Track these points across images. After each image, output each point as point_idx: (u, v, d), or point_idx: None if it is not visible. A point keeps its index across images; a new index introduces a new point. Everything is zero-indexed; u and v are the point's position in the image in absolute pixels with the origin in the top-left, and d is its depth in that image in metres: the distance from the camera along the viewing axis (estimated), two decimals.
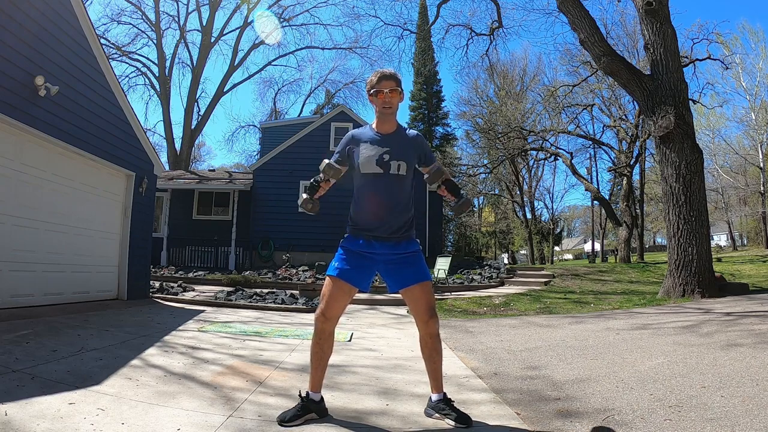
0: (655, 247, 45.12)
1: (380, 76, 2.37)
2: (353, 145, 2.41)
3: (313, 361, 2.31)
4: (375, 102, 2.40)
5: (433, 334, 2.31)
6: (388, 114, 2.40)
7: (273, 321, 6.13)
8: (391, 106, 2.38)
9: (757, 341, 3.92)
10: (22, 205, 5.30)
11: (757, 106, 26.51)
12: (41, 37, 5.40)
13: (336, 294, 2.29)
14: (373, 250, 2.33)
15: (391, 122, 2.44)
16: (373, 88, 2.39)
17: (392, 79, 2.37)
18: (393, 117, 2.43)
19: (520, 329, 5.62)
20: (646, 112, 9.47)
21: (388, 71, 2.42)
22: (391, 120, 2.43)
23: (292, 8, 27.46)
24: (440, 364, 2.36)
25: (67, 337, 3.96)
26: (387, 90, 2.35)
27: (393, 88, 2.36)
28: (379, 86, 2.36)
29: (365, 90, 2.50)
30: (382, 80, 2.36)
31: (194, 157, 34.67)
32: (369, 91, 2.42)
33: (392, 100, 2.37)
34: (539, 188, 36.51)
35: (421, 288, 2.31)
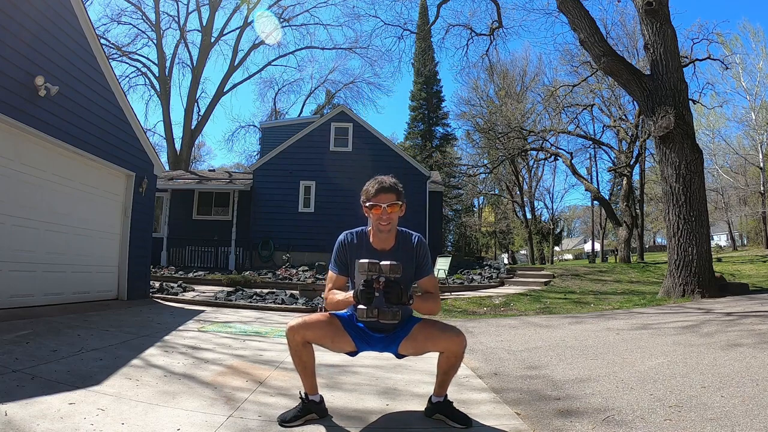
0: (655, 247, 45.11)
1: (378, 188, 2.13)
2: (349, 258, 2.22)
3: (298, 371, 2.24)
4: (371, 216, 2.15)
5: (457, 354, 2.14)
6: (386, 232, 2.17)
7: (273, 321, 6.13)
8: (390, 223, 2.15)
9: (757, 341, 3.92)
10: (22, 205, 5.30)
11: (757, 106, 26.53)
12: (41, 37, 5.39)
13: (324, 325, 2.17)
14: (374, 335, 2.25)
15: (389, 238, 2.22)
16: (368, 200, 2.14)
17: (392, 192, 2.13)
18: (392, 235, 2.21)
19: (520, 329, 5.62)
20: (646, 112, 9.47)
21: (388, 182, 2.15)
22: (389, 237, 2.21)
23: (292, 8, 27.52)
24: (453, 377, 2.27)
25: (67, 337, 3.96)
26: (385, 205, 2.11)
27: (392, 203, 2.12)
28: (377, 200, 2.12)
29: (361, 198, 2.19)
30: (380, 193, 2.12)
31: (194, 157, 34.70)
32: (364, 203, 2.17)
33: (391, 216, 2.14)
34: (539, 188, 36.58)
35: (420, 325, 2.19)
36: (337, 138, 15.75)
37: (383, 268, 1.97)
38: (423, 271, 2.26)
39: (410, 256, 2.22)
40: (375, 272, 1.97)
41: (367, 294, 1.96)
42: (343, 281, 2.26)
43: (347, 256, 2.23)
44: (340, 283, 2.26)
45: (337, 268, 2.25)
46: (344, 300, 2.11)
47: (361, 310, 1.97)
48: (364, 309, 1.96)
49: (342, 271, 2.25)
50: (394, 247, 2.23)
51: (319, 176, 15.36)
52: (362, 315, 1.97)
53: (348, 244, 2.25)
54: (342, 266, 2.25)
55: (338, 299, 2.14)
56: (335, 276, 2.26)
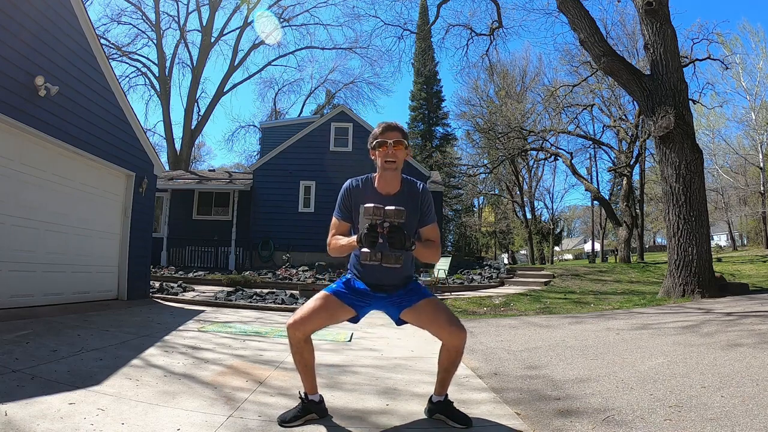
0: (655, 247, 45.10)
1: (384, 126, 2.19)
2: (354, 203, 2.22)
3: (298, 369, 2.24)
4: (377, 156, 2.19)
5: (458, 348, 2.16)
6: (392, 170, 2.18)
7: (273, 321, 6.13)
8: (395, 161, 2.17)
9: (757, 341, 3.92)
10: (22, 205, 5.30)
11: (757, 106, 26.52)
12: (41, 37, 5.39)
13: (320, 310, 2.17)
14: (375, 294, 2.25)
15: (395, 181, 2.22)
16: (375, 139, 2.19)
17: (397, 131, 2.19)
18: (397, 175, 2.22)
19: (520, 329, 5.62)
20: (646, 112, 9.47)
21: (394, 123, 2.23)
22: (394, 178, 2.22)
23: (292, 8, 27.52)
24: (453, 375, 2.27)
25: (67, 337, 3.96)
26: (391, 141, 2.15)
27: (398, 140, 2.16)
28: (383, 137, 2.16)
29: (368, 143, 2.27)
30: (387, 131, 2.17)
31: (194, 157, 34.69)
32: (371, 144, 2.22)
33: (396, 153, 2.16)
34: (539, 188, 36.55)
35: (428, 301, 2.21)
36: (337, 138, 15.75)
37: (387, 212, 1.99)
38: (427, 218, 2.27)
39: (415, 202, 2.23)
40: (379, 216, 1.99)
41: (371, 237, 1.99)
42: (346, 227, 2.27)
43: (351, 202, 2.23)
44: (343, 229, 2.27)
45: (341, 213, 2.26)
46: (348, 244, 2.15)
47: (365, 252, 2.01)
48: (367, 252, 2.00)
49: (345, 217, 2.26)
50: (399, 191, 2.24)
51: (319, 176, 15.35)
52: (366, 258, 2.01)
53: (353, 189, 2.26)
54: (346, 212, 2.26)
55: (342, 244, 2.18)
56: (338, 222, 2.27)
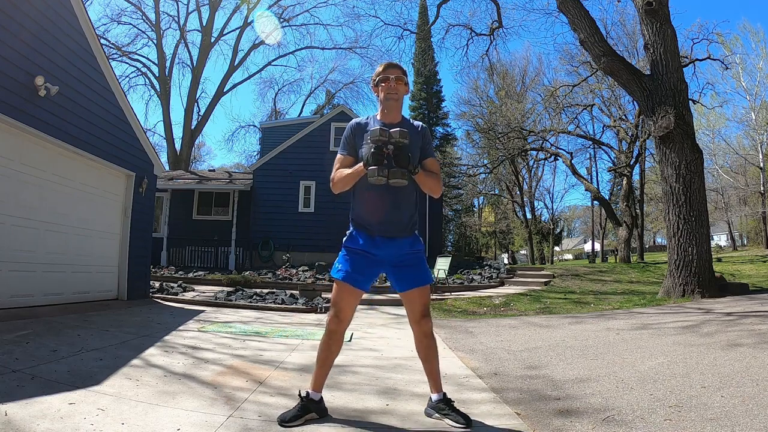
0: (655, 247, 45.10)
1: (386, 65, 2.37)
2: (358, 137, 2.35)
3: (319, 359, 2.30)
4: (380, 90, 2.35)
5: (427, 333, 2.32)
6: (393, 101, 2.35)
7: (273, 321, 6.13)
8: (397, 93, 2.35)
9: (757, 341, 3.92)
10: (22, 205, 5.30)
11: (757, 106, 26.52)
12: (41, 37, 5.40)
13: (346, 297, 2.29)
14: (377, 249, 2.30)
15: (396, 113, 2.38)
16: (378, 75, 2.36)
17: (398, 69, 2.36)
18: (398, 107, 2.39)
19: (520, 329, 5.62)
20: (646, 112, 9.47)
21: (395, 62, 2.43)
22: (396, 110, 2.37)
23: (292, 8, 27.51)
24: (437, 363, 2.36)
25: (67, 337, 3.96)
26: (393, 77, 2.33)
27: (399, 76, 2.34)
28: (386, 73, 2.34)
29: (371, 83, 2.46)
30: (389, 68, 2.35)
31: (194, 157, 34.69)
32: (374, 81, 2.39)
33: (398, 87, 2.34)
34: (539, 188, 36.53)
35: (420, 291, 2.32)
36: (337, 138, 15.72)
37: (392, 133, 2.15)
38: (427, 152, 2.40)
39: (416, 135, 2.35)
40: (385, 137, 2.14)
41: (377, 155, 2.13)
42: (350, 161, 2.35)
43: (355, 138, 2.36)
44: (348, 163, 2.35)
45: (346, 149, 2.38)
46: (353, 171, 2.25)
47: (372, 170, 2.13)
48: (375, 168, 2.12)
49: (350, 152, 2.36)
50: (401, 122, 2.37)
51: (319, 176, 15.34)
52: (373, 174, 2.12)
53: (357, 125, 2.40)
54: (350, 148, 2.37)
55: (346, 173, 2.28)
56: (343, 157, 2.37)
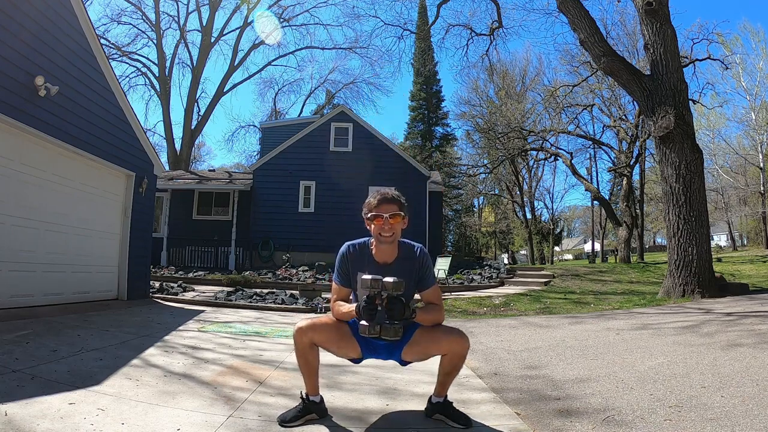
0: (655, 247, 45.09)
1: (380, 198, 2.15)
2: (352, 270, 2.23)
3: (302, 371, 2.24)
4: (372, 227, 2.16)
5: (461, 354, 2.14)
6: (388, 243, 2.17)
7: (273, 321, 6.13)
8: (392, 234, 2.15)
9: (757, 341, 3.92)
10: (22, 205, 5.30)
11: (757, 106, 26.53)
12: (41, 37, 5.39)
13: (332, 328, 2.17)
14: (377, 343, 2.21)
15: (392, 250, 2.21)
16: (371, 211, 2.15)
17: (394, 203, 2.15)
18: (394, 247, 2.20)
19: (520, 329, 5.62)
20: (646, 112, 9.47)
21: (390, 194, 2.17)
22: (391, 249, 2.20)
23: (292, 8, 27.52)
24: (454, 378, 2.26)
25: (67, 337, 3.96)
26: (387, 215, 2.11)
27: (394, 213, 2.13)
28: (378, 210, 2.13)
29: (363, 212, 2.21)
30: (383, 204, 2.13)
31: (194, 157, 34.69)
32: (366, 214, 2.18)
33: (394, 226, 2.14)
34: (539, 188, 36.55)
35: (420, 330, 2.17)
36: (337, 138, 15.75)
37: (386, 285, 1.97)
38: (426, 282, 2.25)
39: (412, 267, 2.22)
40: (377, 288, 1.98)
41: (369, 310, 1.98)
42: (347, 293, 2.28)
43: (350, 269, 2.24)
44: (344, 294, 2.28)
45: (340, 279, 2.27)
46: (348, 312, 2.14)
47: (363, 326, 1.99)
48: (366, 326, 1.98)
49: (345, 283, 2.27)
50: (396, 258, 2.22)
51: (319, 176, 15.36)
52: (364, 331, 1.99)
53: (350, 256, 2.25)
54: (345, 278, 2.26)
55: (343, 311, 2.17)
56: (339, 287, 2.28)
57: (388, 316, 1.98)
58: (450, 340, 2.12)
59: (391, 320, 1.98)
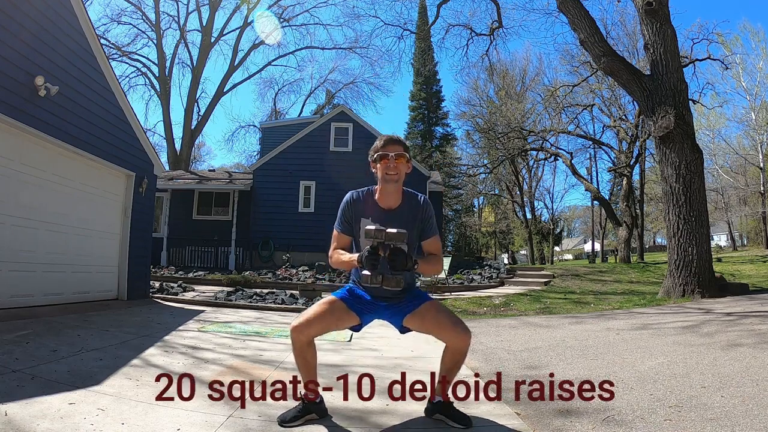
0: (655, 247, 45.09)
1: (386, 140, 2.21)
2: (354, 218, 2.24)
3: (301, 370, 2.24)
4: (378, 169, 2.20)
5: (462, 350, 2.16)
6: (393, 182, 2.18)
7: (273, 321, 6.13)
8: (397, 173, 2.17)
9: (757, 341, 3.92)
10: (22, 205, 5.30)
11: (757, 106, 26.53)
12: (41, 37, 5.39)
13: (325, 314, 2.16)
14: (378, 303, 2.25)
15: (396, 195, 2.23)
16: (377, 152, 2.20)
17: (399, 144, 2.20)
18: (398, 188, 2.22)
19: (520, 329, 5.62)
20: (646, 112, 9.48)
21: (395, 136, 2.25)
22: (396, 192, 2.22)
23: (292, 8, 27.52)
24: (455, 376, 2.26)
25: (67, 337, 3.96)
26: (392, 154, 2.17)
27: (399, 153, 2.17)
28: (385, 150, 2.18)
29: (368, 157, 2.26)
30: (388, 144, 2.19)
31: (194, 157, 34.68)
32: (372, 157, 2.22)
33: (398, 166, 2.17)
34: (539, 188, 36.54)
35: (430, 305, 2.21)
36: (337, 138, 15.75)
37: (389, 235, 1.98)
38: (428, 231, 2.27)
39: (416, 215, 2.24)
40: (380, 239, 1.99)
41: (371, 260, 1.99)
42: (347, 241, 2.30)
43: (353, 215, 2.26)
44: (344, 242, 2.30)
45: (342, 227, 2.28)
46: (349, 261, 2.17)
47: (366, 275, 2.02)
48: (368, 275, 2.01)
49: (346, 230, 2.28)
50: (400, 204, 2.24)
51: (319, 176, 15.36)
52: (366, 280, 2.02)
53: (354, 203, 2.27)
54: (347, 225, 2.28)
55: (343, 260, 2.21)
56: (339, 235, 2.30)
57: (390, 266, 2.00)
58: (453, 332, 2.14)
59: (393, 270, 2.00)
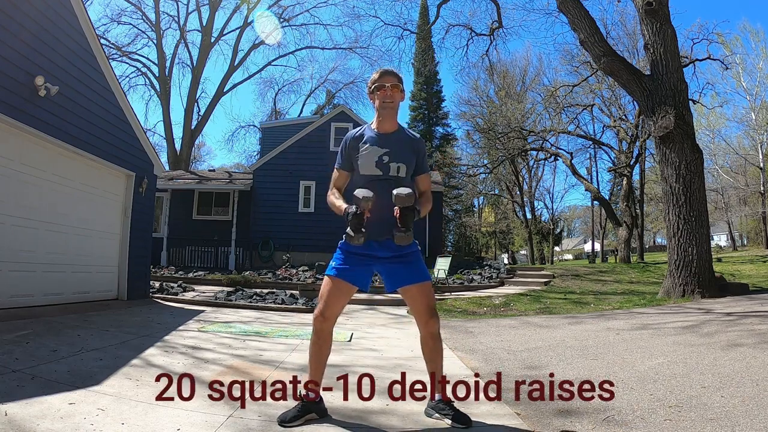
0: (655, 247, 45.09)
1: (382, 72, 2.37)
2: (353, 150, 2.37)
3: (312, 361, 2.30)
4: (376, 98, 2.36)
5: (433, 334, 2.30)
6: (389, 109, 2.36)
7: (273, 321, 6.13)
8: (393, 101, 2.35)
9: (757, 341, 3.92)
10: (22, 205, 5.30)
11: (757, 106, 26.53)
12: (41, 37, 5.39)
13: (334, 293, 2.27)
14: (372, 251, 2.28)
15: (392, 121, 2.39)
16: (374, 83, 2.37)
17: (394, 76, 2.37)
18: (394, 115, 2.39)
19: (520, 329, 5.62)
20: (646, 112, 9.47)
21: (390, 68, 2.42)
22: (392, 118, 2.38)
23: (292, 8, 27.49)
24: (441, 365, 2.34)
25: (67, 337, 3.96)
26: (389, 84, 2.34)
27: (395, 84, 2.35)
28: (381, 81, 2.35)
29: (366, 90, 2.49)
30: (384, 75, 2.35)
31: (194, 157, 34.68)
32: (370, 88, 2.40)
33: (394, 95, 2.35)
34: (539, 188, 36.55)
35: (419, 288, 2.30)
36: (337, 138, 15.73)
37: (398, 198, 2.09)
38: (421, 167, 2.44)
39: (411, 146, 2.39)
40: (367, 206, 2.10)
41: (355, 223, 2.11)
42: (345, 177, 2.43)
43: (351, 148, 2.38)
44: (343, 180, 2.44)
45: (341, 162, 2.43)
46: (338, 209, 2.29)
47: (349, 236, 2.12)
48: (352, 235, 2.11)
49: (345, 166, 2.41)
50: (397, 130, 2.40)
51: (319, 176, 15.33)
52: (349, 240, 2.13)
53: (353, 136, 2.42)
54: (345, 161, 2.41)
55: (336, 204, 2.33)
56: (338, 172, 2.44)
57: (400, 223, 2.13)
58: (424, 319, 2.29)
59: (405, 228, 2.13)
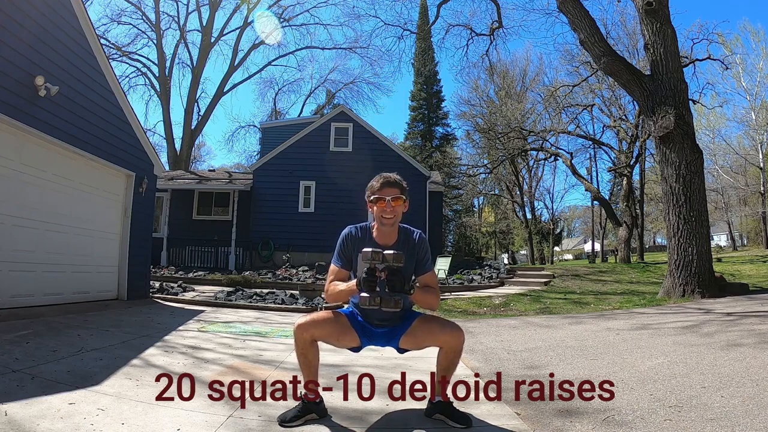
0: (655, 247, 45.09)
1: (383, 181, 2.20)
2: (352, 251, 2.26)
3: (302, 369, 2.26)
4: (374, 210, 2.20)
5: (456, 349, 2.18)
6: (389, 226, 2.21)
7: (273, 321, 6.13)
8: (393, 216, 2.19)
9: (757, 341, 3.92)
10: (22, 205, 5.30)
11: (757, 106, 26.55)
12: (41, 37, 5.39)
13: (331, 322, 2.21)
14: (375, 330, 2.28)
15: (392, 233, 2.25)
16: (373, 194, 2.20)
17: (396, 186, 2.20)
18: (395, 230, 2.25)
19: (520, 329, 5.62)
20: (646, 112, 9.47)
21: (393, 178, 2.23)
22: (391, 231, 2.24)
23: (292, 8, 27.53)
24: (452, 375, 2.28)
25: (67, 337, 3.96)
26: (389, 198, 2.17)
27: (396, 196, 2.18)
28: (381, 193, 2.18)
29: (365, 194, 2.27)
30: (385, 187, 2.18)
31: (194, 157, 34.68)
32: (368, 198, 2.23)
33: (395, 209, 2.18)
34: (539, 188, 36.53)
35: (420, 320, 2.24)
36: (337, 138, 15.76)
37: (386, 256, 2.01)
38: (423, 267, 2.30)
39: (411, 251, 2.26)
40: (378, 260, 2.01)
41: (369, 282, 2.00)
42: (345, 275, 2.30)
43: (351, 250, 2.27)
44: (342, 277, 2.30)
45: (340, 261, 2.29)
46: (347, 289, 2.17)
47: (364, 297, 2.01)
48: (366, 297, 2.01)
49: (344, 265, 2.29)
50: (396, 242, 2.26)
51: (319, 176, 15.37)
52: (365, 302, 2.02)
53: (352, 238, 2.28)
54: (345, 260, 2.29)
55: (340, 289, 2.20)
56: (337, 269, 2.30)
57: (388, 287, 2.02)
58: (446, 333, 2.17)
59: (391, 292, 2.02)
